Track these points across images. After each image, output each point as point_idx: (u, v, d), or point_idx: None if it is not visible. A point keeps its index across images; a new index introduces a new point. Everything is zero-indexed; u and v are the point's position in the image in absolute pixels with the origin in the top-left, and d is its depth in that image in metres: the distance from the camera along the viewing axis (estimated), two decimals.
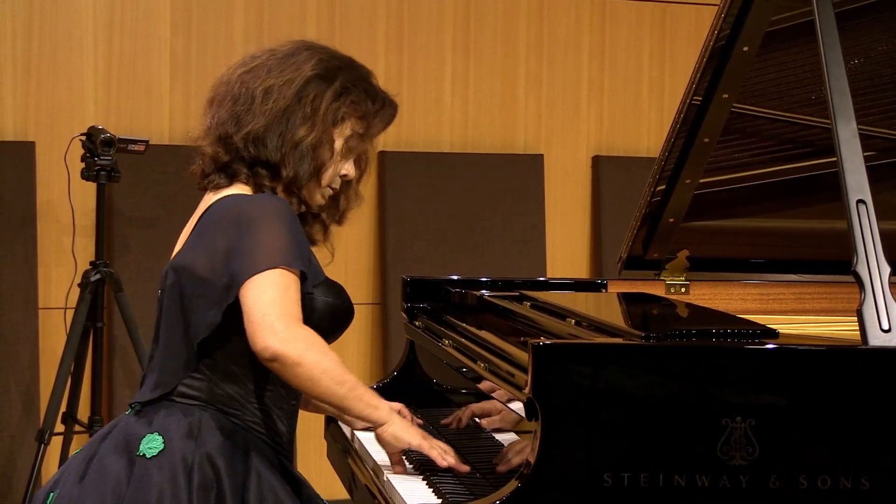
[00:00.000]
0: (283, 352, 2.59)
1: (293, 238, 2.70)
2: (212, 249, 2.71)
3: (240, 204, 2.75)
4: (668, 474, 2.36)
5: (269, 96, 2.78)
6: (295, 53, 2.85)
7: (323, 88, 2.81)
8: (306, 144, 2.79)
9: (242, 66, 2.87)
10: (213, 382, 2.75)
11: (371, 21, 5.87)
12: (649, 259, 3.70)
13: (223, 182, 2.82)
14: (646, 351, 2.46)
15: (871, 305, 2.53)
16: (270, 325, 2.59)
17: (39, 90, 5.40)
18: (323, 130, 2.81)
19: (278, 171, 2.80)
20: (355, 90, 2.86)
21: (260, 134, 2.78)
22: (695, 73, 3.31)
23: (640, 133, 6.31)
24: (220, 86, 2.88)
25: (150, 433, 2.70)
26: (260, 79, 2.81)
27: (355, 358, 5.88)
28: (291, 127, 2.78)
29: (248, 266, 2.64)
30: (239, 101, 2.81)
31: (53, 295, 5.37)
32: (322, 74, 2.82)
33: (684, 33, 6.34)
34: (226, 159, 2.81)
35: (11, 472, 5.24)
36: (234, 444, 2.72)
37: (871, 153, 3.35)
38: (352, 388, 2.70)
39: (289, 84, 2.80)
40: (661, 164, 3.48)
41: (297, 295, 2.67)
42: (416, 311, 3.57)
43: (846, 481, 2.39)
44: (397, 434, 2.75)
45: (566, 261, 6.19)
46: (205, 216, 2.80)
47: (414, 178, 5.87)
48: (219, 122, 2.83)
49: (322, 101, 2.81)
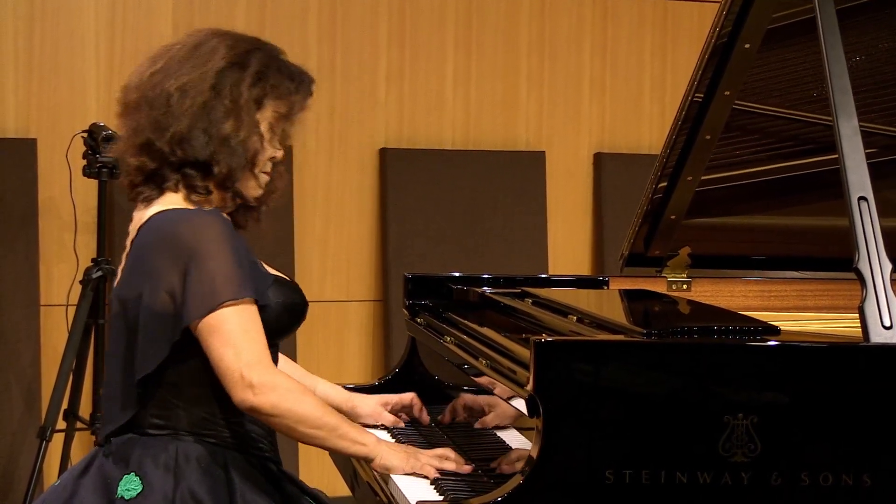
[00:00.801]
0: (258, 405, 2.59)
1: (237, 262, 2.64)
2: (153, 279, 2.64)
3: (176, 229, 2.65)
4: (669, 471, 2.36)
5: (185, 94, 2.69)
6: (201, 44, 2.76)
7: (239, 76, 2.72)
8: (236, 138, 2.70)
9: (150, 66, 2.76)
10: (181, 409, 2.70)
11: (373, 18, 5.86)
12: (651, 256, 3.70)
13: (153, 194, 2.73)
14: (647, 348, 2.46)
15: (872, 302, 2.53)
16: (241, 378, 2.58)
17: (41, 87, 5.40)
18: (248, 120, 2.72)
19: (210, 169, 2.71)
20: (271, 71, 2.76)
21: (185, 134, 2.68)
22: (696, 71, 3.31)
23: (642, 130, 6.31)
24: (131, 91, 2.77)
25: (126, 474, 2.65)
26: (172, 77, 2.71)
27: (356, 355, 5.88)
28: (215, 121, 2.69)
29: (198, 304, 2.59)
30: (155, 105, 2.70)
31: (55, 292, 5.37)
32: (235, 62, 2.73)
33: (686, 30, 6.33)
34: (152, 167, 2.72)
35: (13, 470, 5.24)
36: (215, 472, 2.67)
37: (873, 150, 3.35)
38: (332, 430, 2.69)
39: (203, 77, 2.70)
40: (662, 161, 3.48)
41: (258, 327, 2.64)
42: (417, 307, 3.57)
43: (848, 478, 2.40)
44: (387, 465, 2.73)
45: (568, 258, 6.19)
46: (139, 238, 2.71)
47: (415, 176, 5.87)
48: (138, 129, 2.73)
49: (241, 90, 2.72)
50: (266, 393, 2.59)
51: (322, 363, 5.73)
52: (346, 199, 5.86)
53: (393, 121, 5.92)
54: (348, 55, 5.82)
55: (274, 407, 2.60)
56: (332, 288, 5.83)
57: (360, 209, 5.89)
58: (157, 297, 2.62)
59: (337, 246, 5.85)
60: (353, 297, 5.86)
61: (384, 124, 5.91)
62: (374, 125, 5.88)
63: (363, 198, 5.88)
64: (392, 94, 5.91)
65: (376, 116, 5.89)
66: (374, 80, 5.88)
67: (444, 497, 2.58)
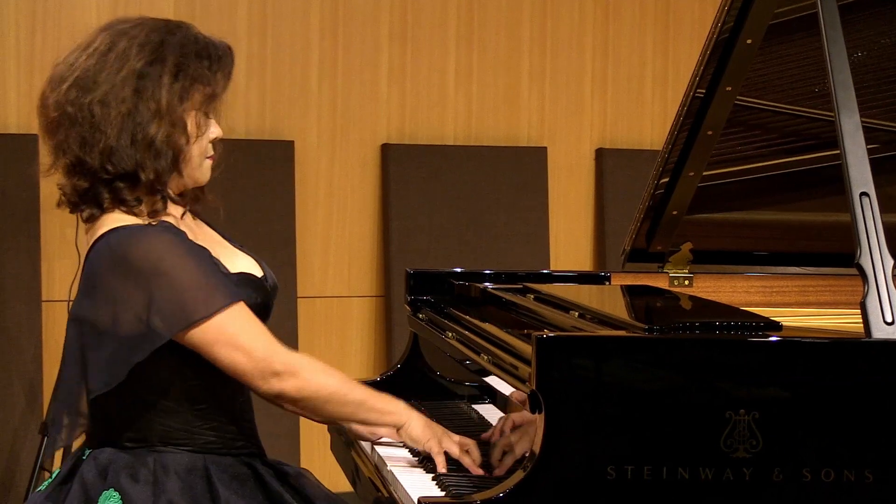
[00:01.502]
0: (284, 390, 2.60)
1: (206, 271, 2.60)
2: (113, 301, 2.59)
3: (127, 251, 2.57)
4: (671, 467, 2.36)
5: (107, 107, 2.60)
6: (111, 47, 2.65)
7: (157, 75, 2.62)
8: (160, 140, 2.61)
9: (63, 81, 2.65)
10: (154, 422, 2.66)
11: (375, 15, 5.86)
12: (653, 252, 3.70)
13: (95, 212, 2.67)
14: (649, 343, 2.46)
15: (874, 298, 2.53)
16: (261, 372, 2.59)
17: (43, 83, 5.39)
18: (171, 118, 2.63)
19: (137, 178, 2.62)
20: (189, 60, 2.67)
21: (113, 146, 2.60)
22: (698, 66, 3.30)
23: (644, 126, 6.31)
24: (49, 110, 2.67)
25: (105, 490, 2.62)
26: (90, 91, 2.61)
27: (358, 351, 5.88)
28: (141, 127, 2.61)
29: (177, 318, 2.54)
30: (79, 122, 2.62)
31: (57, 287, 5.37)
32: (151, 59, 2.63)
33: (687, 26, 6.33)
34: (85, 185, 2.65)
35: (15, 465, 5.25)
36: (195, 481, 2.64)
37: (875, 146, 3.35)
38: (360, 405, 2.70)
39: (122, 84, 2.61)
40: (664, 156, 3.48)
41: (257, 322, 2.62)
42: (419, 303, 3.57)
43: (849, 474, 2.39)
44: (410, 435, 2.73)
45: (570, 253, 6.19)
46: (91, 261, 2.67)
47: (417, 172, 5.87)
48: (65, 148, 2.64)
49: (162, 89, 2.62)
50: (293, 375, 2.60)
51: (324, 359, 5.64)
52: (348, 194, 5.86)
53: (395, 117, 5.92)
54: (350, 51, 5.82)
55: (300, 389, 2.61)
56: (334, 283, 5.83)
57: (362, 205, 5.89)
58: (120, 319, 2.57)
59: (339, 242, 5.86)
60: (354, 293, 5.86)
61: (386, 120, 5.91)
62: (375, 121, 5.88)
63: (365, 194, 5.88)
64: (394, 89, 5.91)
65: (378, 112, 5.89)
66: (376, 76, 5.88)
67: (446, 493, 2.57)
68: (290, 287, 5.58)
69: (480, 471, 2.70)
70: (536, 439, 2.37)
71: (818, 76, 3.35)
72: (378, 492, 2.78)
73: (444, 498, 2.54)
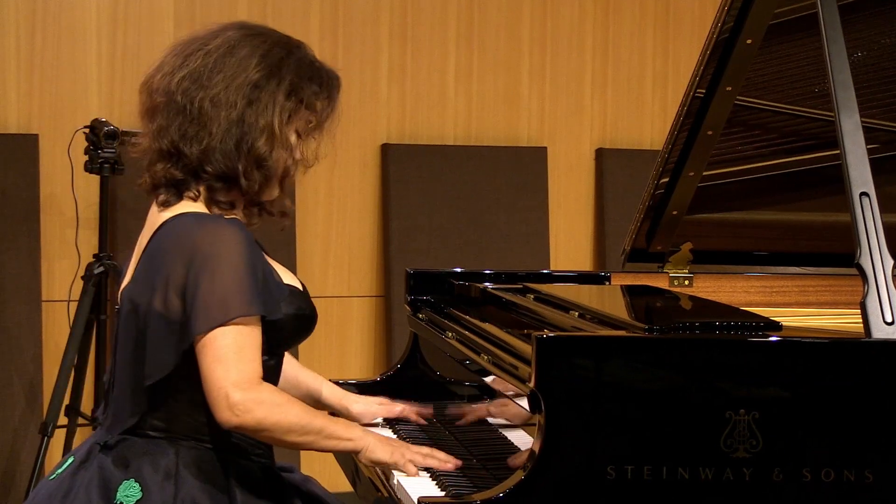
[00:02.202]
0: (242, 424, 2.56)
1: (251, 276, 2.60)
2: (166, 283, 2.59)
3: (194, 235, 2.60)
4: (671, 467, 2.36)
5: (217, 107, 2.63)
6: (234, 50, 2.67)
7: (273, 90, 2.66)
8: (269, 157, 2.66)
9: (178, 67, 2.66)
10: (183, 413, 2.66)
11: (375, 14, 5.86)
12: (653, 252, 3.70)
13: (172, 199, 2.68)
14: (649, 343, 2.46)
15: (874, 298, 2.53)
16: (225, 397, 2.53)
17: (43, 83, 5.40)
18: (281, 136, 2.68)
19: (237, 183, 2.67)
20: (303, 82, 2.72)
21: (216, 148, 2.63)
22: (698, 66, 3.31)
23: (644, 126, 6.31)
24: (157, 94, 2.68)
25: (126, 479, 2.61)
26: (203, 87, 2.63)
27: (358, 351, 5.88)
28: (248, 138, 2.64)
29: (202, 318, 2.54)
30: (185, 114, 2.64)
31: (57, 288, 5.37)
32: (268, 73, 2.67)
33: (688, 26, 6.34)
34: (180, 176, 2.67)
35: (15, 465, 5.25)
36: (214, 479, 2.64)
37: (875, 146, 3.35)
38: (319, 433, 2.67)
39: (237, 91, 2.63)
40: (664, 156, 3.48)
41: (253, 345, 2.59)
42: (419, 303, 3.57)
43: (849, 474, 2.40)
44: (372, 458, 2.73)
45: (570, 253, 6.19)
46: (155, 240, 2.66)
47: (417, 171, 5.87)
48: (163, 133, 2.66)
49: (276, 106, 2.66)
50: (250, 411, 2.54)
51: (324, 359, 5.74)
52: (348, 194, 5.86)
53: (395, 117, 5.92)
54: (350, 51, 5.82)
55: (259, 423, 2.56)
56: (334, 283, 5.83)
57: (362, 205, 5.89)
58: (171, 304, 2.58)
59: (339, 241, 5.86)
60: (354, 293, 5.86)
61: (386, 120, 5.91)
62: (375, 121, 5.88)
63: (365, 194, 5.88)
64: (394, 89, 5.91)
65: (378, 112, 5.89)
66: (376, 76, 5.88)
67: (445, 493, 2.58)
68: None
69: (450, 466, 2.71)
70: (536, 439, 2.37)
71: (818, 76, 3.35)
72: (378, 492, 2.78)
73: (444, 498, 2.54)
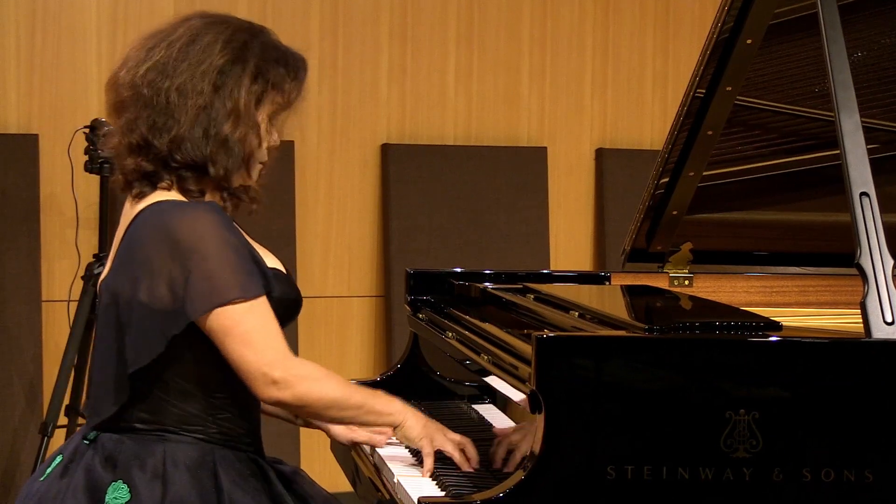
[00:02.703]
0: (283, 399, 2.59)
1: (239, 256, 2.60)
2: (150, 272, 2.59)
3: (172, 223, 2.60)
4: (671, 467, 2.36)
5: (184, 96, 2.64)
6: (196, 38, 2.69)
7: (238, 74, 2.67)
8: (234, 140, 2.66)
9: (143, 61, 2.68)
10: (169, 403, 2.66)
11: (375, 14, 5.86)
12: (653, 252, 3.70)
13: (146, 190, 2.70)
14: (649, 343, 2.46)
15: (874, 298, 2.53)
16: (264, 375, 2.57)
17: (43, 83, 5.40)
18: (248, 120, 2.68)
19: (205, 171, 2.67)
20: (269, 64, 2.71)
21: (185, 136, 2.63)
22: (698, 66, 3.31)
23: (644, 126, 6.31)
24: (123, 89, 2.70)
25: (114, 481, 2.61)
26: (169, 77, 2.64)
27: (358, 350, 5.88)
28: (215, 123, 2.65)
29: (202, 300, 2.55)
30: (152, 105, 2.65)
31: (57, 288, 5.37)
32: (233, 58, 2.67)
33: (688, 26, 6.34)
34: (151, 168, 2.68)
35: (14, 465, 5.25)
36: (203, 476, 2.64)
37: (875, 146, 3.35)
38: (359, 408, 2.70)
39: (202, 77, 2.64)
40: (664, 156, 3.48)
41: (273, 321, 2.61)
42: (419, 303, 3.57)
43: (849, 474, 2.40)
44: (408, 435, 2.75)
45: (570, 253, 6.19)
46: (132, 231, 2.67)
47: (417, 171, 5.87)
48: (132, 128, 2.67)
49: (241, 89, 2.67)
50: (292, 386, 2.58)
51: (324, 359, 5.74)
52: (348, 194, 5.86)
53: (395, 116, 5.92)
54: (350, 51, 5.82)
55: (301, 398, 2.60)
56: (334, 283, 5.84)
57: (362, 205, 5.89)
58: (155, 292, 2.58)
59: (339, 241, 5.86)
60: (354, 293, 5.87)
61: (386, 120, 5.91)
62: (375, 121, 5.88)
63: (365, 193, 5.89)
64: (394, 89, 5.91)
65: (378, 112, 5.89)
66: (376, 76, 5.88)
67: (445, 492, 2.57)
68: None
69: (470, 468, 2.71)
70: (536, 439, 2.37)
71: (818, 76, 3.35)
72: (378, 492, 2.78)
73: (444, 498, 2.54)
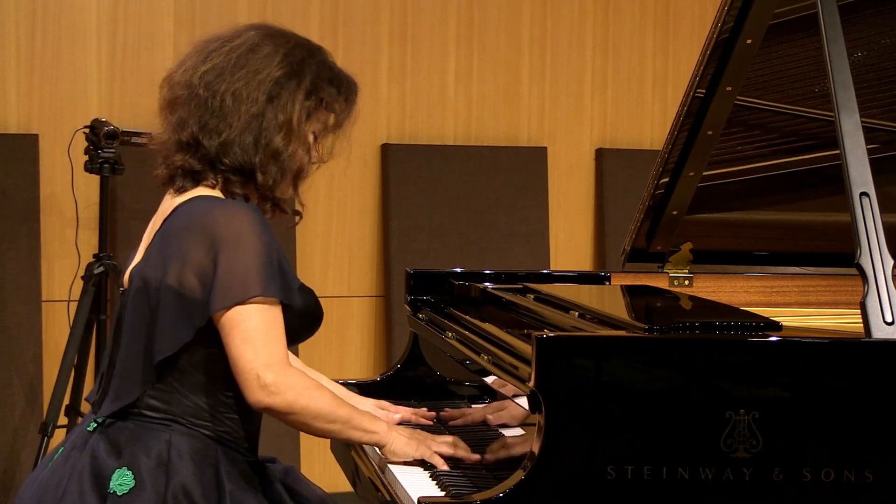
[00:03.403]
0: (273, 405, 2.61)
1: (268, 257, 2.64)
2: (182, 260, 2.62)
3: (211, 215, 2.65)
4: (671, 467, 2.36)
5: (238, 101, 2.68)
6: (256, 47, 2.74)
7: (293, 88, 2.72)
8: (285, 152, 2.71)
9: (201, 62, 2.73)
10: (181, 394, 2.68)
11: (375, 14, 5.86)
12: (653, 252, 3.70)
13: (188, 185, 2.73)
14: (649, 343, 2.46)
15: (874, 298, 2.53)
16: (256, 377, 2.58)
17: (43, 83, 5.40)
18: (299, 134, 2.73)
19: (253, 177, 2.71)
20: (323, 83, 2.78)
21: (234, 141, 2.68)
22: (698, 66, 3.31)
23: (644, 126, 6.31)
24: (178, 87, 2.74)
25: (118, 468, 2.62)
26: (225, 81, 2.69)
27: (358, 350, 5.88)
28: (267, 133, 2.69)
29: (225, 294, 2.59)
30: (206, 106, 2.69)
31: (57, 288, 5.37)
32: (290, 72, 2.72)
33: (688, 26, 6.34)
34: (198, 167, 2.71)
35: (14, 465, 5.25)
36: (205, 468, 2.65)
37: (875, 146, 3.35)
38: (346, 422, 2.72)
39: (258, 86, 2.69)
40: (664, 156, 3.48)
41: (279, 327, 2.64)
42: (419, 303, 3.57)
43: (849, 474, 2.40)
44: (396, 452, 2.78)
45: (570, 254, 6.19)
46: (171, 221, 2.70)
47: (417, 172, 5.87)
48: (183, 125, 2.71)
49: (295, 103, 2.72)
50: (281, 393, 2.60)
51: (324, 359, 5.74)
52: (348, 194, 5.86)
53: (395, 117, 5.92)
54: (350, 51, 5.82)
55: (289, 406, 2.62)
56: (334, 283, 5.84)
57: (362, 205, 5.89)
58: (186, 280, 2.61)
59: (339, 241, 5.85)
60: (354, 293, 5.86)
61: (386, 120, 5.91)
62: (375, 121, 5.88)
63: (365, 194, 5.89)
64: (394, 90, 5.91)
65: (378, 112, 5.89)
66: (376, 76, 5.88)
67: (445, 493, 2.58)
68: None
69: (476, 457, 2.76)
70: (536, 439, 2.37)
71: (818, 76, 3.35)
72: (378, 492, 2.78)
73: (444, 498, 2.54)
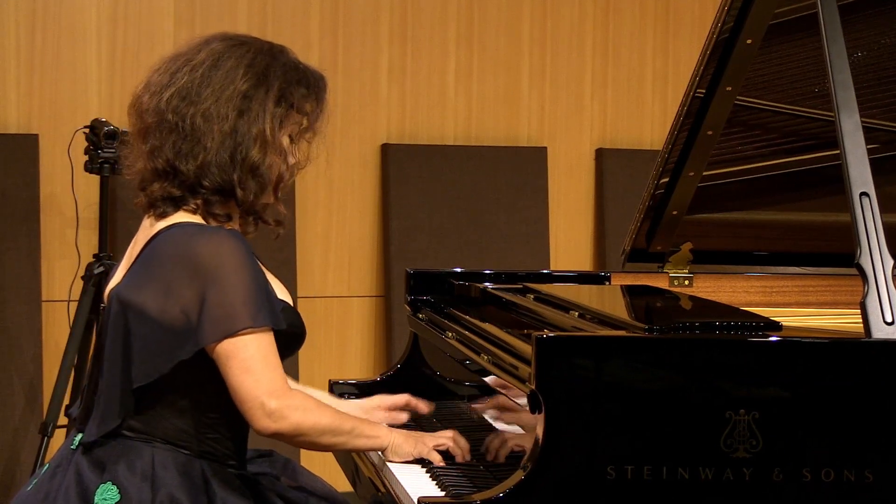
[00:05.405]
0: (280, 430, 2.62)
1: (256, 287, 2.62)
2: (166, 291, 2.60)
3: (195, 246, 2.62)
4: (671, 467, 2.36)
5: (209, 121, 2.66)
6: (218, 62, 2.70)
7: (262, 98, 2.70)
8: (264, 166, 2.70)
9: (166, 86, 2.69)
10: (163, 418, 2.67)
11: (375, 14, 5.86)
12: (653, 252, 3.70)
13: (169, 210, 2.70)
14: (649, 343, 2.46)
15: (874, 298, 2.53)
16: (261, 406, 2.59)
17: (43, 83, 5.40)
18: (274, 145, 2.72)
19: (232, 194, 2.69)
20: (291, 87, 2.75)
21: (211, 161, 2.66)
22: (698, 66, 3.31)
23: (644, 126, 6.31)
24: (147, 115, 2.71)
25: (102, 483, 2.62)
26: (193, 104, 2.66)
27: (358, 350, 5.88)
28: (242, 148, 2.67)
29: (214, 327, 2.57)
30: (178, 132, 2.66)
31: (57, 288, 5.37)
32: (256, 82, 2.70)
33: (688, 26, 6.34)
34: (178, 194, 2.69)
35: (14, 465, 5.25)
36: (192, 477, 2.65)
37: (874, 146, 3.35)
38: (350, 433, 2.74)
39: (227, 103, 2.67)
40: (664, 156, 3.48)
41: (275, 354, 2.63)
42: (419, 303, 3.57)
43: (849, 474, 2.40)
44: (399, 452, 2.79)
45: (570, 254, 6.19)
46: (153, 247, 2.67)
47: (417, 171, 5.87)
48: (158, 153, 2.68)
49: (266, 114, 2.69)
50: (287, 417, 2.61)
51: (323, 359, 5.74)
52: (348, 194, 5.86)
53: (395, 117, 5.92)
54: (350, 51, 5.82)
55: (297, 427, 2.63)
56: (334, 283, 5.83)
57: (362, 205, 5.89)
58: (168, 311, 2.59)
59: (339, 241, 5.85)
60: (354, 293, 5.86)
61: (386, 120, 5.91)
62: (375, 121, 5.88)
63: (365, 194, 5.88)
64: (394, 89, 5.91)
65: (378, 112, 5.89)
66: (376, 76, 5.87)
67: (445, 492, 2.58)
68: (290, 287, 5.58)
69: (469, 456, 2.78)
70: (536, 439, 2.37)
71: (818, 76, 3.35)
72: (378, 492, 2.78)
73: (444, 498, 2.54)
